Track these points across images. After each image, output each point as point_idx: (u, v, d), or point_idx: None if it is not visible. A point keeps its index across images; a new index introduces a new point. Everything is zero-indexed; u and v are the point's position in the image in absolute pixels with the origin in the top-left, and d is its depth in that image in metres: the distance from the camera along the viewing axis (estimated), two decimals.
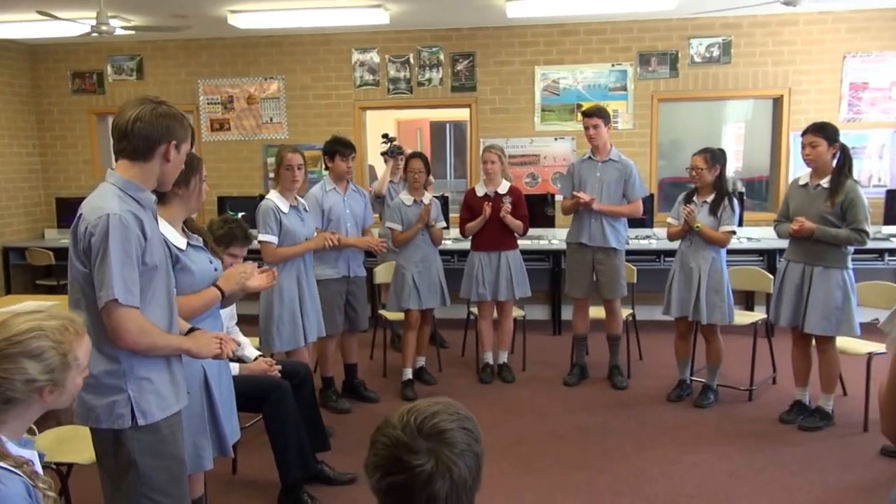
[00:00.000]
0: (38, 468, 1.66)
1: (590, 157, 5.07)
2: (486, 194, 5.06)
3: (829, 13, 6.45)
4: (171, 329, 2.31)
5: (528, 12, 5.99)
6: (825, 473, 3.79)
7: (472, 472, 1.28)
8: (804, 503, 3.50)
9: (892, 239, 6.12)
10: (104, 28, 5.65)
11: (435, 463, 1.23)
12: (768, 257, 6.12)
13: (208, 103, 7.37)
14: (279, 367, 3.55)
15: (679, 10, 6.07)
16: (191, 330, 2.48)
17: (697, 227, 4.56)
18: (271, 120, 7.33)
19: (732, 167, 6.82)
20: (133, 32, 6.22)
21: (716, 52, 6.66)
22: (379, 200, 5.72)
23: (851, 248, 4.19)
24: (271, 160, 7.26)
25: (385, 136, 5.88)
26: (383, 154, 5.62)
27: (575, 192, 4.98)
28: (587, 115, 5.00)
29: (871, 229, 4.14)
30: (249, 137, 7.35)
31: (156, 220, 2.31)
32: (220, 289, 2.76)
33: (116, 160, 2.23)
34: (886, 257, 6.06)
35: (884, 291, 4.57)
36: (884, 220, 6.26)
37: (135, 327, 2.11)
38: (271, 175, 7.21)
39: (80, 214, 2.15)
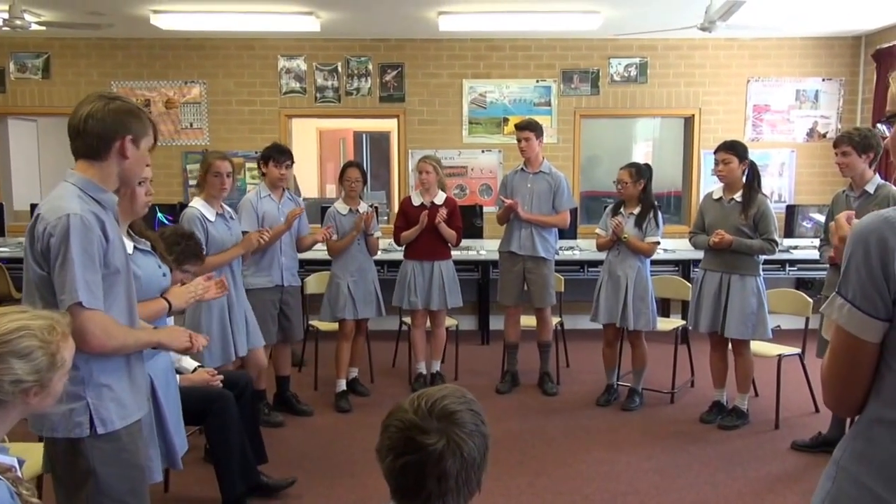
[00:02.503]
0: (20, 474, 1.61)
1: (522, 169, 5.23)
2: (422, 204, 5.11)
3: (734, 40, 6.90)
4: None
5: (460, 26, 6.13)
6: (745, 468, 4.04)
7: (481, 452, 1.36)
8: (728, 496, 3.72)
9: (792, 251, 6.56)
10: (18, 23, 5.35)
11: (446, 442, 1.31)
12: (683, 267, 6.46)
13: None
14: (221, 377, 3.45)
15: (600, 30, 6.34)
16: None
17: (625, 237, 4.78)
18: (191, 125, 7.13)
19: None
20: (43, 28, 5.91)
21: (633, 72, 6.99)
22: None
23: (762, 257, 4.51)
24: (191, 167, 7.07)
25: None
26: None
27: (502, 197, 5.14)
28: (520, 127, 5.15)
29: (779, 239, 4.50)
30: (167, 143, 7.10)
31: (117, 221, 2.26)
32: (168, 301, 2.72)
33: (76, 160, 2.17)
34: (787, 268, 6.51)
35: (789, 298, 4.94)
36: (784, 233, 6.70)
37: (100, 330, 2.06)
38: (192, 182, 7.05)
39: (38, 214, 2.09)
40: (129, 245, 2.58)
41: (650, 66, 6.98)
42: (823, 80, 7.01)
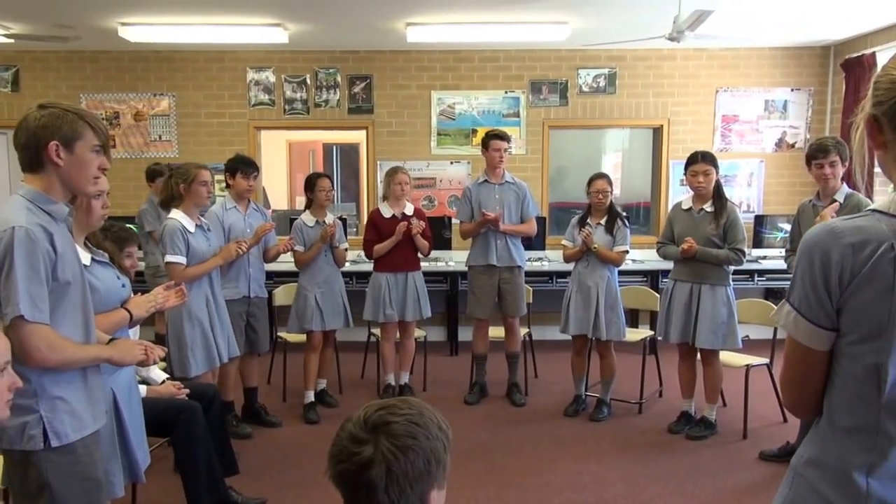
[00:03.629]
0: None
1: (485, 181, 5.21)
2: (393, 216, 5.09)
3: (703, 50, 6.96)
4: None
5: (428, 38, 6.13)
6: (713, 478, 4.04)
7: (416, 467, 1.30)
8: None
9: (760, 261, 6.61)
10: None
11: (372, 452, 1.29)
12: (652, 277, 6.48)
13: None
14: (187, 390, 3.47)
15: (569, 41, 6.37)
16: (111, 341, 2.42)
17: (595, 247, 4.78)
18: (160, 138, 7.08)
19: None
20: (11, 41, 5.87)
21: (602, 83, 7.03)
22: None
23: (731, 267, 4.52)
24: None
25: None
26: None
27: (484, 211, 5.07)
28: (502, 137, 5.12)
29: (747, 249, 4.50)
30: (136, 156, 7.06)
31: (71, 233, 2.22)
32: (129, 311, 2.69)
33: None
34: (756, 278, 6.55)
35: (757, 309, 4.94)
36: (753, 243, 6.74)
37: (44, 344, 2.02)
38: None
39: None
40: (87, 257, 2.56)
41: (619, 76, 7.02)
42: (792, 90, 7.06)
